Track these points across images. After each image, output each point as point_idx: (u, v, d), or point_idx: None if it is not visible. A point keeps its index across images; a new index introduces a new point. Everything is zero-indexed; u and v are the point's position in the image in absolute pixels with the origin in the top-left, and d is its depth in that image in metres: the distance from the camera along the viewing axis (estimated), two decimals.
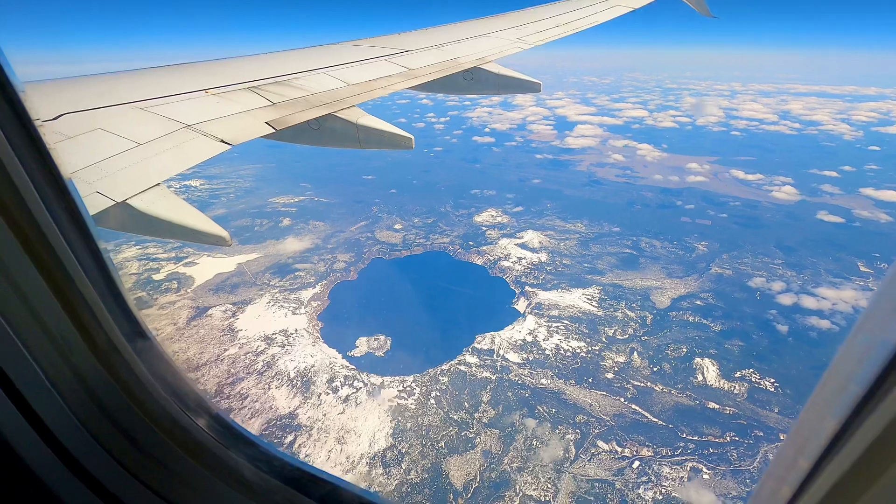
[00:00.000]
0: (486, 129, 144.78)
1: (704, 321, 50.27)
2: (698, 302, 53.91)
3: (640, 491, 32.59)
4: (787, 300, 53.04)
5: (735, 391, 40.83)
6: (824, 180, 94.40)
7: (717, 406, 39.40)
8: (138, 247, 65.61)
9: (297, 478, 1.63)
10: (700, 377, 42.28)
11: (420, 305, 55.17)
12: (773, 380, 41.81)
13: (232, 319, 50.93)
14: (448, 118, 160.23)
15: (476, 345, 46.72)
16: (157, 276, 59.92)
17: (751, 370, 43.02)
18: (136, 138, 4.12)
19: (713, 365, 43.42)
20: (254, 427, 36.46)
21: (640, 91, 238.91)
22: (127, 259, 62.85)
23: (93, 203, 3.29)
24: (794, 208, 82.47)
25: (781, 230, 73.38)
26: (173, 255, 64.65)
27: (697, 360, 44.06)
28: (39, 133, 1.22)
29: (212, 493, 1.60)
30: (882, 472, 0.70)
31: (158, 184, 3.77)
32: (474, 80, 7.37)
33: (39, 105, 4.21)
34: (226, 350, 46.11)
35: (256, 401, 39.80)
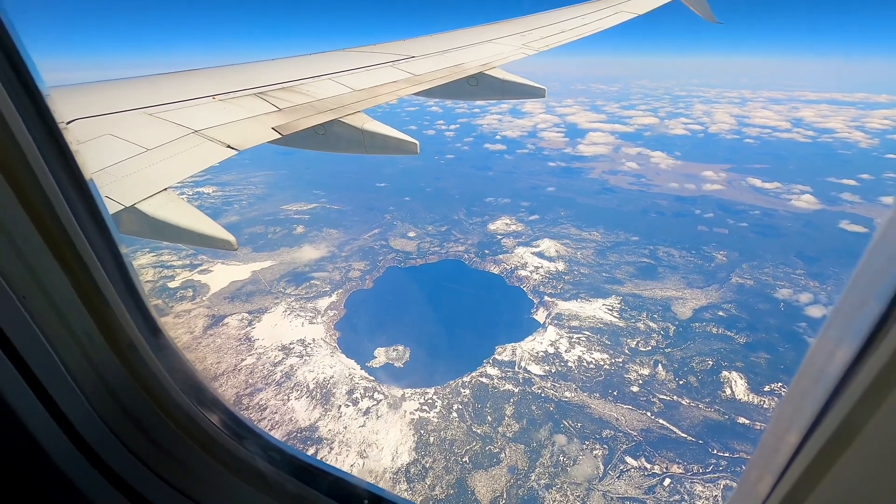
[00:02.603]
0: (497, 137, 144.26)
1: (728, 333, 49.19)
2: (721, 313, 52.84)
3: None
4: (816, 312, 51.89)
5: (765, 406, 39.72)
6: (843, 189, 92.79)
7: (747, 421, 38.31)
8: (153, 254, 65.47)
9: (306, 471, 1.67)
10: (728, 391, 41.22)
11: (437, 315, 54.48)
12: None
13: (248, 328, 50.45)
14: (458, 125, 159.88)
15: (497, 356, 45.90)
16: (172, 284, 59.68)
17: (779, 384, 41.89)
18: (144, 143, 4.16)
19: (741, 378, 42.33)
20: None
21: (650, 98, 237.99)
22: (142, 266, 62.59)
23: None
24: (814, 217, 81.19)
25: (801, 239, 72.19)
26: (188, 262, 64.45)
27: (724, 373, 42.97)
28: (64, 135, 1.26)
29: (224, 486, 1.64)
30: (844, 449, 0.79)
31: (166, 188, 3.79)
32: (479, 86, 7.38)
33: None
34: (243, 360, 45.61)
35: (276, 412, 39.17)
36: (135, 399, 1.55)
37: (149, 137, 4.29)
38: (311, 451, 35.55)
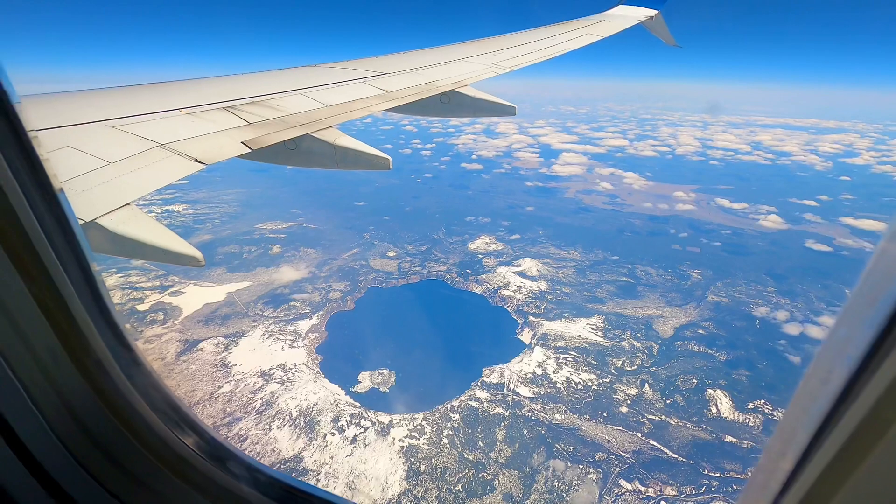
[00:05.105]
0: (474, 156, 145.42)
1: (709, 351, 50.10)
2: (700, 331, 53.88)
3: None
4: (793, 329, 53.47)
5: (750, 423, 40.32)
6: (805, 209, 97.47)
7: (734, 440, 38.72)
8: (120, 275, 62.28)
9: (283, 493, 1.59)
10: (714, 409, 41.70)
11: (422, 337, 53.46)
12: (784, 410, 41.51)
13: (225, 353, 48.19)
14: (434, 145, 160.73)
15: (485, 378, 45.21)
16: (141, 307, 56.66)
17: (762, 401, 42.69)
18: (106, 157, 4.06)
19: (725, 396, 42.95)
20: None
21: (617, 120, 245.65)
22: (108, 288, 59.20)
23: None
24: (780, 236, 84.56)
25: (770, 258, 74.89)
26: (158, 283, 61.54)
27: (709, 391, 43.55)
28: (33, 144, 1.23)
29: None
30: (861, 461, 0.73)
31: (129, 203, 3.68)
32: (451, 103, 7.51)
33: None
34: (220, 387, 43.38)
35: (257, 443, 37.19)
36: (102, 424, 1.44)
37: (112, 150, 4.15)
38: None
